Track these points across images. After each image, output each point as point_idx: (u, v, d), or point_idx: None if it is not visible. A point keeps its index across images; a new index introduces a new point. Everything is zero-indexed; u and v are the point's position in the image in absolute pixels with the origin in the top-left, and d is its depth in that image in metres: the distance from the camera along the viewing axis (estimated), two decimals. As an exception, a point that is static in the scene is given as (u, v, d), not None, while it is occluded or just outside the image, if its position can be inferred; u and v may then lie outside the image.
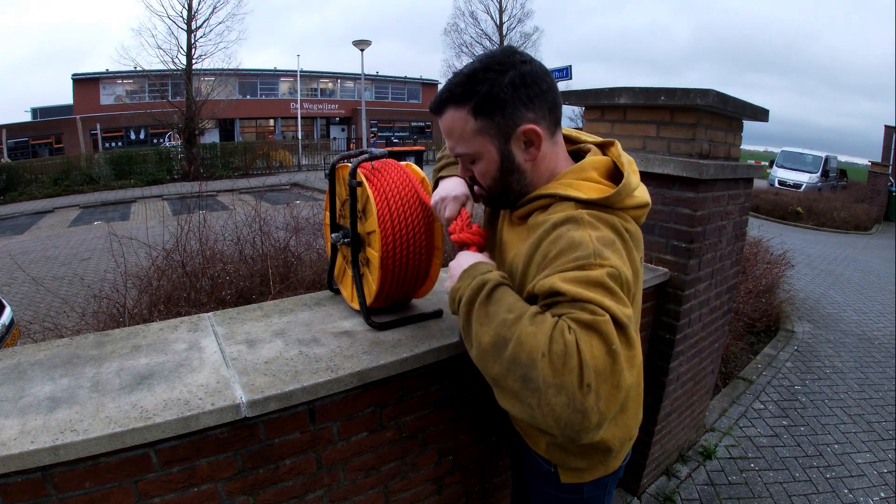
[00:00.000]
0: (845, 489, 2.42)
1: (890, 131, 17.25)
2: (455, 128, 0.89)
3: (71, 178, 16.55)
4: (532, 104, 0.85)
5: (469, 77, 0.85)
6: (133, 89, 26.05)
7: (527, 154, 0.89)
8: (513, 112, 0.84)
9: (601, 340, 0.66)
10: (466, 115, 0.86)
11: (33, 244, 8.88)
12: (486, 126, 0.86)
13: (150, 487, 0.95)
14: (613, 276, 0.72)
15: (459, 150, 0.91)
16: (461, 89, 0.85)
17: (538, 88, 0.85)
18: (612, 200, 0.84)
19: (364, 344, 1.21)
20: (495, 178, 0.92)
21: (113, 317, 2.93)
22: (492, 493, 1.58)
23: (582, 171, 0.90)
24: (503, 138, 0.87)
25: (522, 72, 0.84)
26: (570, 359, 0.65)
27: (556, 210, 0.85)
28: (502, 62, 0.84)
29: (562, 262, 0.75)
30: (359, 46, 17.27)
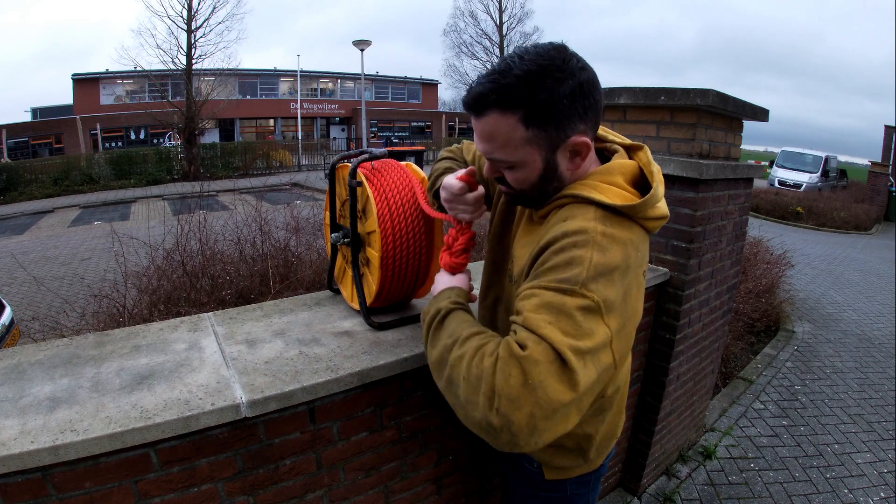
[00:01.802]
0: (845, 489, 2.42)
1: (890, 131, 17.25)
2: (499, 134, 0.80)
3: (71, 178, 16.55)
4: (586, 115, 0.80)
5: (523, 80, 0.75)
6: (133, 89, 26.06)
7: (571, 164, 0.84)
8: (567, 124, 0.79)
9: (520, 372, 0.68)
10: (516, 122, 0.77)
11: (33, 244, 8.88)
12: (536, 136, 0.79)
13: (150, 487, 0.95)
14: (587, 310, 0.70)
15: (498, 157, 0.83)
16: (513, 93, 0.76)
17: (593, 99, 0.80)
18: (636, 210, 0.79)
19: (364, 344, 1.21)
20: (533, 185, 0.86)
21: (113, 317, 2.94)
22: (492, 493, 1.58)
23: (609, 174, 0.85)
24: (551, 149, 0.81)
25: (581, 80, 0.77)
26: (482, 382, 0.70)
27: (575, 211, 0.81)
28: (562, 68, 0.76)
29: (548, 279, 0.74)
30: (359, 46, 17.27)
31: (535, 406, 0.67)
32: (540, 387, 0.67)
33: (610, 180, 0.84)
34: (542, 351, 0.68)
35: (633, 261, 0.77)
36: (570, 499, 1.09)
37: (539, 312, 0.71)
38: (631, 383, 2.10)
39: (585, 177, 0.86)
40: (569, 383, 0.68)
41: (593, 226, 0.76)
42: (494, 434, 0.70)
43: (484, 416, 0.70)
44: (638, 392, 2.18)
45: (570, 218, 0.79)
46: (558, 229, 0.78)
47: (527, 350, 0.68)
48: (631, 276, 0.76)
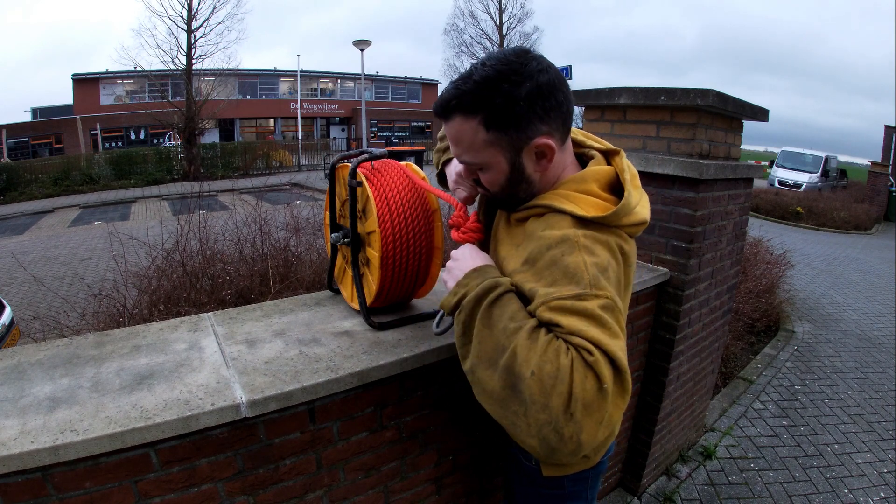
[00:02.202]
0: (845, 489, 2.42)
1: (890, 131, 17.24)
2: (463, 137, 0.84)
3: (71, 178, 16.55)
4: (547, 117, 0.81)
5: (481, 85, 0.78)
6: (133, 89, 26.06)
7: (538, 165, 0.86)
8: (527, 125, 0.80)
9: (594, 378, 0.66)
10: (477, 125, 0.81)
11: (33, 244, 8.88)
12: (497, 139, 0.82)
13: (150, 487, 0.95)
14: (608, 308, 0.72)
15: (467, 159, 0.88)
16: (471, 98, 0.79)
17: (554, 100, 0.80)
18: (610, 220, 0.82)
19: (364, 344, 1.21)
20: (503, 187, 0.89)
21: (113, 317, 2.94)
22: (492, 493, 1.58)
23: (583, 182, 0.87)
24: (515, 151, 0.84)
25: (539, 83, 0.78)
26: (560, 383, 0.66)
27: (551, 221, 0.83)
28: (519, 72, 0.78)
29: (559, 293, 0.73)
30: (359, 46, 17.27)
31: (604, 415, 0.66)
32: (609, 395, 0.66)
33: (584, 188, 0.86)
34: (602, 356, 0.67)
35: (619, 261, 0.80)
36: (568, 496, 1.08)
37: (573, 319, 0.70)
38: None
39: (559, 185, 0.88)
40: (622, 390, 0.68)
41: (574, 233, 0.79)
42: (558, 441, 0.66)
43: (555, 419, 0.66)
44: (638, 392, 2.18)
45: (549, 228, 0.82)
46: (542, 241, 0.80)
47: (594, 356, 0.67)
48: (621, 275, 0.80)
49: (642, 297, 1.96)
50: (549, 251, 0.78)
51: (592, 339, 0.69)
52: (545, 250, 0.78)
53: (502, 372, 0.72)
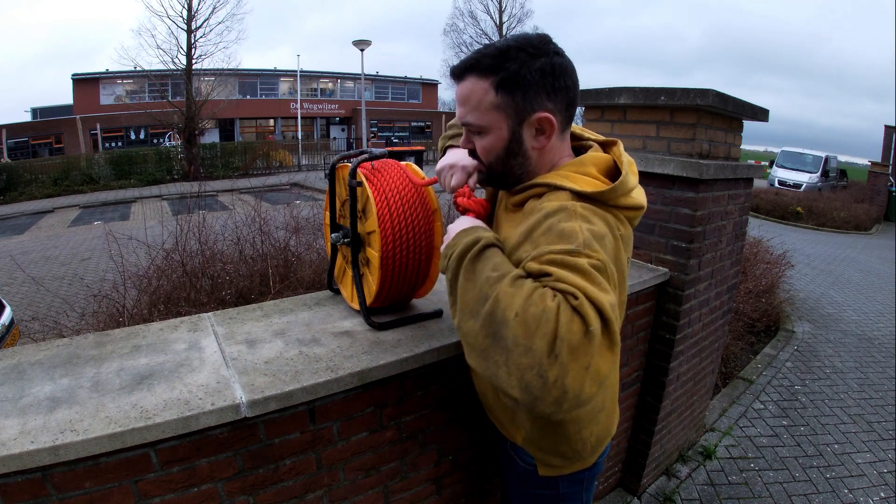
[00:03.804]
0: (845, 489, 2.42)
1: (890, 131, 17.24)
2: (472, 97, 0.87)
3: (71, 178, 16.55)
4: (554, 95, 0.86)
5: (501, 52, 0.84)
6: (133, 89, 26.06)
7: (535, 141, 0.89)
8: (534, 97, 0.85)
9: (581, 321, 0.65)
10: (488, 86, 0.85)
11: (33, 244, 8.88)
12: (504, 103, 0.85)
13: (150, 487, 0.95)
14: (598, 268, 0.72)
15: (469, 120, 0.89)
16: (490, 61, 0.84)
17: (563, 82, 0.86)
18: (607, 196, 0.84)
19: (364, 344, 1.21)
20: (499, 157, 0.91)
21: (113, 317, 2.93)
22: (492, 493, 1.58)
23: (581, 165, 0.90)
24: (517, 119, 0.87)
25: (553, 62, 0.84)
26: (545, 323, 0.65)
27: (550, 199, 0.85)
28: (537, 47, 0.84)
29: (551, 249, 0.75)
30: (359, 46, 17.27)
31: (590, 360, 0.65)
32: (596, 339, 0.65)
33: (582, 170, 0.89)
34: (588, 303, 0.67)
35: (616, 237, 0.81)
36: (563, 497, 1.09)
37: (563, 269, 0.71)
38: (631, 383, 2.10)
39: (559, 168, 0.91)
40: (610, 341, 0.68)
41: (572, 203, 0.81)
42: (541, 387, 0.65)
43: (538, 362, 0.64)
44: (638, 392, 2.18)
45: (547, 202, 0.84)
46: (539, 212, 0.82)
47: (579, 300, 0.67)
48: (616, 253, 0.79)
49: (642, 296, 1.96)
50: (546, 220, 0.80)
51: (579, 286, 0.68)
52: (542, 219, 0.80)
53: (484, 320, 0.71)
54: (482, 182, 0.99)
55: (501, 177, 0.95)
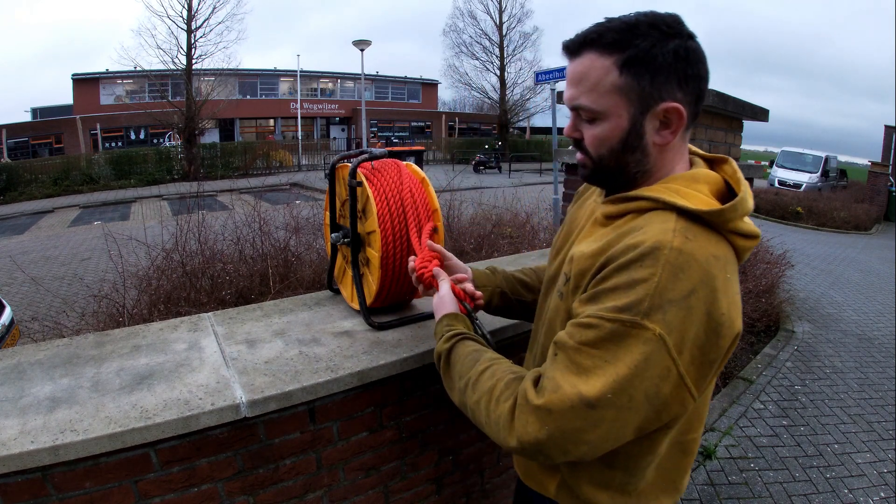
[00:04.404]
0: (845, 489, 2.42)
1: (890, 131, 17.24)
2: (590, 75, 0.73)
3: (71, 178, 16.58)
4: (685, 84, 0.72)
5: (628, 26, 0.71)
6: (133, 89, 26.07)
7: (658, 136, 0.75)
8: (663, 82, 0.71)
9: (537, 420, 0.68)
10: (611, 65, 0.72)
11: (33, 244, 8.88)
12: (629, 86, 0.71)
13: (150, 487, 0.95)
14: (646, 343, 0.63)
15: (583, 102, 0.75)
16: (615, 35, 0.71)
17: (696, 70, 0.73)
18: (724, 217, 0.69)
19: (364, 344, 1.21)
20: (612, 150, 0.76)
21: (113, 317, 2.93)
22: (492, 492, 1.58)
23: (694, 181, 0.76)
24: (641, 107, 0.73)
25: (688, 46, 0.71)
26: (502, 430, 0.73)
27: (653, 221, 0.70)
28: (671, 25, 0.71)
29: (606, 306, 0.66)
30: (359, 46, 17.28)
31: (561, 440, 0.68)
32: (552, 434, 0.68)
33: (695, 187, 0.75)
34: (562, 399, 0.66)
35: (720, 281, 0.66)
36: None
37: (576, 354, 0.67)
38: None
39: (668, 180, 0.76)
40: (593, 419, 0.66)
41: (669, 239, 0.66)
42: (531, 457, 0.74)
43: (518, 449, 0.72)
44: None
45: (645, 227, 0.70)
46: (627, 240, 0.69)
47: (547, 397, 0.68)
48: (714, 296, 0.65)
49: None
50: (630, 252, 0.67)
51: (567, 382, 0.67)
52: (626, 250, 0.68)
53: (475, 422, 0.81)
54: (585, 178, 0.85)
55: (611, 174, 0.79)
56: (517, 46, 26.81)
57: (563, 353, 0.69)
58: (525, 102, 27.76)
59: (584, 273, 0.74)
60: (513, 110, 27.95)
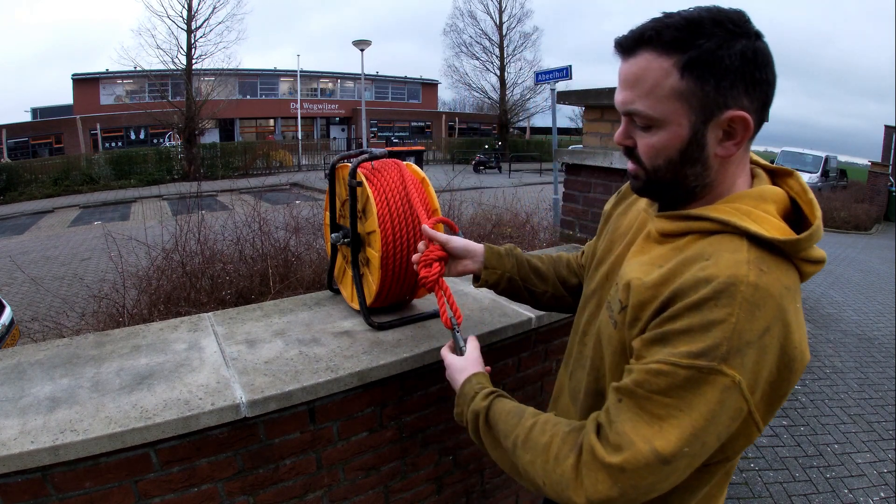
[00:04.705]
0: (845, 489, 2.42)
1: (890, 131, 17.25)
2: (647, 78, 0.66)
3: (71, 178, 16.59)
4: (753, 90, 0.64)
5: (691, 23, 0.63)
6: (133, 89, 26.07)
7: (721, 147, 0.67)
8: (730, 88, 0.63)
9: (608, 477, 0.63)
10: (671, 67, 0.64)
11: (33, 244, 8.88)
12: (691, 91, 0.64)
13: (150, 487, 0.95)
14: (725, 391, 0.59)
15: (638, 108, 0.67)
16: (675, 33, 0.64)
17: (764, 75, 0.64)
18: (799, 247, 0.64)
19: (364, 344, 1.21)
20: (670, 161, 0.69)
21: (113, 317, 2.94)
22: (492, 492, 1.58)
23: (762, 200, 0.68)
24: (704, 115, 0.65)
25: (756, 47, 0.63)
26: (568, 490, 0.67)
27: (722, 248, 0.64)
28: (737, 23, 0.63)
29: (678, 347, 0.60)
30: (359, 46, 17.27)
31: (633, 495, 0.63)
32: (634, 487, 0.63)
33: (764, 207, 0.67)
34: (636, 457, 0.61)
35: (791, 313, 0.62)
36: None
37: (645, 403, 0.62)
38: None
39: (733, 199, 0.69)
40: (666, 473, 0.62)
41: (744, 274, 0.60)
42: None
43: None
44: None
45: (714, 256, 0.63)
46: (698, 273, 0.62)
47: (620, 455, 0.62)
48: (787, 331, 0.61)
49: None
50: (703, 288, 0.61)
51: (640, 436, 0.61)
52: (698, 285, 0.61)
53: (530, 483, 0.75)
54: (637, 190, 0.76)
55: (667, 187, 0.71)
56: (517, 46, 26.84)
57: (632, 401, 0.63)
58: (525, 102, 27.79)
59: (645, 305, 0.67)
60: (513, 110, 27.97)
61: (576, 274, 1.07)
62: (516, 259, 1.07)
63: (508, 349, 1.43)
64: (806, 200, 0.71)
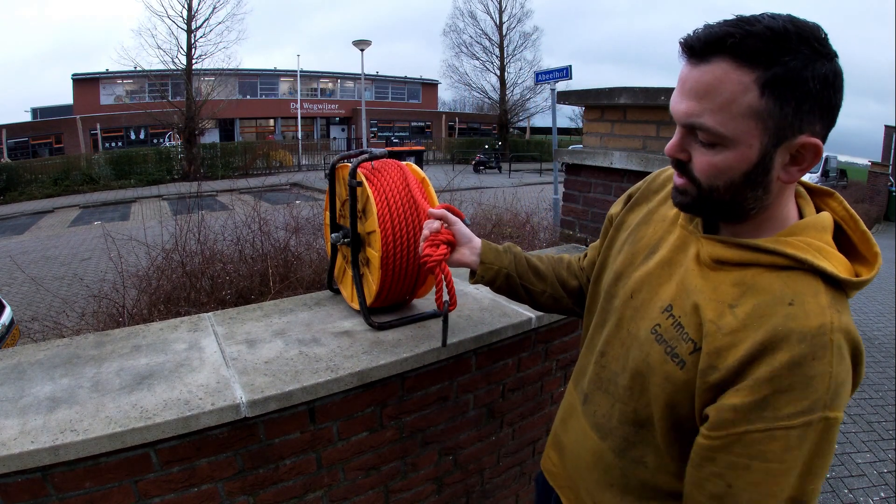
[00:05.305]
0: (845, 489, 2.42)
1: (890, 131, 17.26)
2: (721, 90, 0.59)
3: (71, 178, 16.59)
4: (826, 116, 0.60)
5: (778, 35, 0.57)
6: (133, 89, 26.07)
7: (785, 173, 0.63)
8: (808, 113, 0.59)
9: None
10: (751, 83, 0.58)
11: (33, 244, 8.88)
12: (769, 112, 0.58)
13: (150, 487, 0.95)
14: (830, 431, 0.58)
15: (707, 123, 0.61)
16: (760, 44, 0.57)
17: (837, 100, 0.60)
18: (861, 284, 0.63)
19: (364, 344, 1.21)
20: (732, 183, 0.63)
21: (113, 317, 2.94)
22: (492, 492, 1.58)
23: (823, 231, 0.65)
24: (777, 138, 0.60)
25: (836, 70, 0.58)
26: None
27: (802, 290, 0.61)
28: (822, 42, 0.58)
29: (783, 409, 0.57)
30: (359, 46, 17.27)
31: None
32: None
33: (825, 239, 0.65)
34: None
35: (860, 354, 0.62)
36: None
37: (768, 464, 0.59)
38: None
39: (797, 229, 0.65)
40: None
41: (829, 320, 0.58)
42: None
43: None
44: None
45: (797, 301, 0.60)
46: (788, 324, 0.59)
47: None
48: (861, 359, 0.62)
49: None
50: (799, 344, 0.58)
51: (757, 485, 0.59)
52: (793, 340, 0.58)
53: None
54: (683, 206, 0.71)
55: (721, 208, 0.67)
56: (517, 46, 26.82)
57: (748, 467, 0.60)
58: (525, 102, 27.77)
59: (722, 353, 0.62)
60: (513, 110, 27.96)
61: (576, 276, 1.04)
62: (514, 256, 1.04)
63: (508, 349, 1.43)
64: (857, 231, 0.68)
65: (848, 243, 0.68)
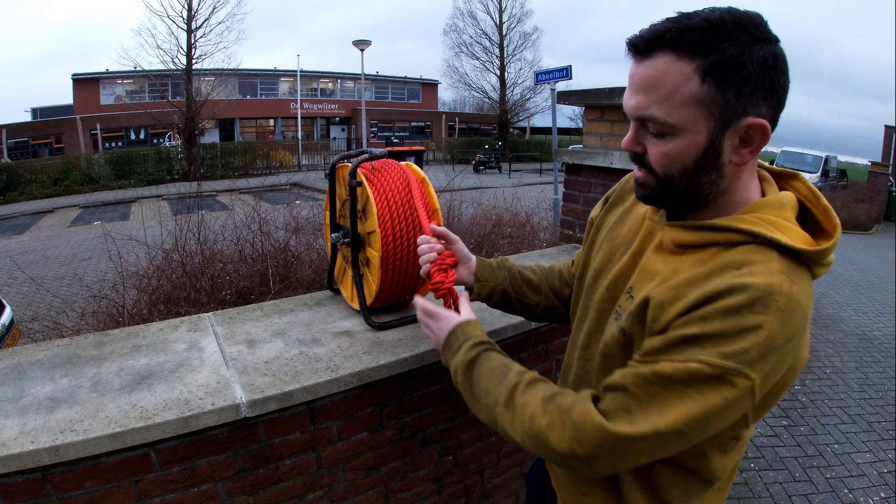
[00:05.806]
0: (845, 489, 2.42)
1: (890, 131, 17.26)
2: (664, 82, 0.63)
3: (71, 178, 16.59)
4: (770, 97, 0.63)
5: (713, 25, 0.60)
6: (133, 89, 26.07)
7: (736, 155, 0.66)
8: (750, 96, 0.62)
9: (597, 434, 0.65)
10: (691, 72, 0.61)
11: (33, 244, 8.89)
12: (711, 98, 0.62)
13: (150, 487, 0.95)
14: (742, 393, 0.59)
15: (654, 114, 0.64)
16: (697, 36, 0.61)
17: (781, 81, 0.63)
18: (825, 255, 0.65)
19: (364, 344, 1.21)
20: (685, 170, 0.66)
21: (113, 317, 2.94)
22: (492, 492, 1.58)
23: (781, 209, 0.67)
24: (722, 123, 0.63)
25: (776, 52, 0.62)
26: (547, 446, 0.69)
27: (755, 259, 0.63)
28: (759, 27, 0.61)
29: (708, 349, 0.59)
30: (359, 47, 17.27)
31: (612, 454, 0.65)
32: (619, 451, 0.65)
33: (785, 216, 0.67)
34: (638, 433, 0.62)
35: (808, 321, 0.63)
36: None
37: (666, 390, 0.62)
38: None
39: (755, 208, 0.68)
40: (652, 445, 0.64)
41: (779, 284, 0.60)
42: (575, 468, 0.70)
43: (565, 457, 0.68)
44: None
45: (747, 266, 0.62)
46: (732, 280, 0.61)
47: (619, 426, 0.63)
48: (803, 339, 0.63)
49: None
50: (741, 293, 0.59)
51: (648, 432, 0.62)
52: (736, 290, 0.60)
53: (503, 434, 0.77)
54: (644, 198, 0.74)
55: (679, 196, 0.70)
56: (517, 46, 26.82)
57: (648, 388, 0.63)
58: (525, 102, 27.77)
59: (665, 306, 0.65)
60: (513, 110, 27.96)
61: (568, 284, 1.06)
62: (508, 272, 1.06)
63: (508, 349, 1.43)
64: (819, 206, 0.71)
65: (813, 221, 0.71)
